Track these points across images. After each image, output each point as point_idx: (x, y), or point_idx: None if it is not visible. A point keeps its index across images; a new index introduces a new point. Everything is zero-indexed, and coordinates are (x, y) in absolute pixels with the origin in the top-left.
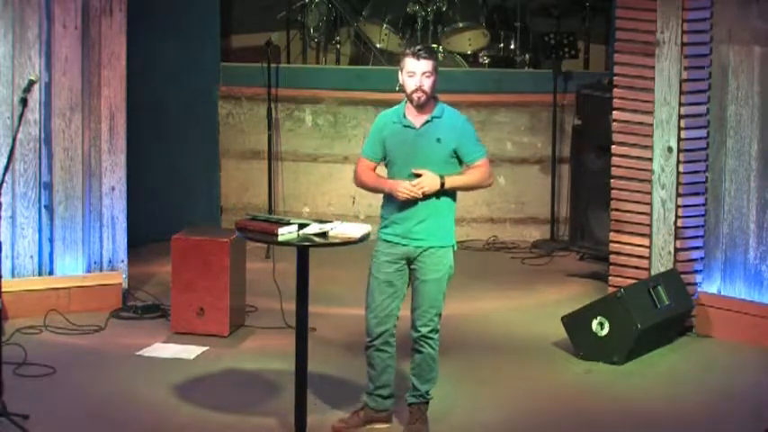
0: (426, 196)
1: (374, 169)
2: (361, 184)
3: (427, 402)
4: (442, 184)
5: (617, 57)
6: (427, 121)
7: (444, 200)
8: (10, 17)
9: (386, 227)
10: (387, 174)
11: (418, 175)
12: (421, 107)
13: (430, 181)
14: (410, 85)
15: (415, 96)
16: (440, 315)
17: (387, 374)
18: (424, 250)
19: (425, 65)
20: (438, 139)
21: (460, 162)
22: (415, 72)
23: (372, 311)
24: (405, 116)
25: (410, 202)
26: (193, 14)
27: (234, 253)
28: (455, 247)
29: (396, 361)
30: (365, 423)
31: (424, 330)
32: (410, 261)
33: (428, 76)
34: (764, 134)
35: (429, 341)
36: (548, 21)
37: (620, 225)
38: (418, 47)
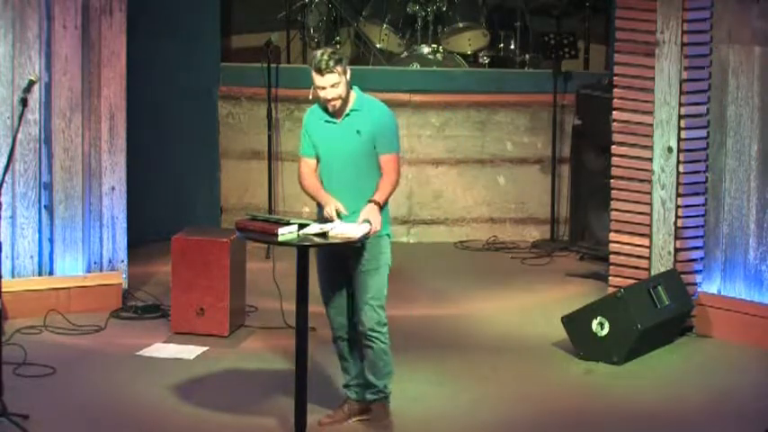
0: (352, 190)
1: (316, 166)
2: (303, 188)
3: (387, 397)
4: (380, 206)
5: (617, 57)
6: (347, 115)
7: (371, 191)
8: (10, 17)
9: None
10: (318, 169)
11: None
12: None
13: (374, 215)
14: (322, 97)
15: (329, 106)
16: (383, 307)
17: (359, 365)
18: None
19: (330, 78)
20: (358, 131)
21: None
22: (324, 86)
23: (328, 304)
24: (327, 112)
25: (339, 197)
26: (193, 14)
27: (234, 253)
28: (391, 237)
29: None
30: (350, 416)
31: (370, 324)
32: (347, 252)
33: (336, 86)
34: (764, 134)
35: (377, 335)
36: (548, 21)
37: (620, 225)
38: (318, 60)
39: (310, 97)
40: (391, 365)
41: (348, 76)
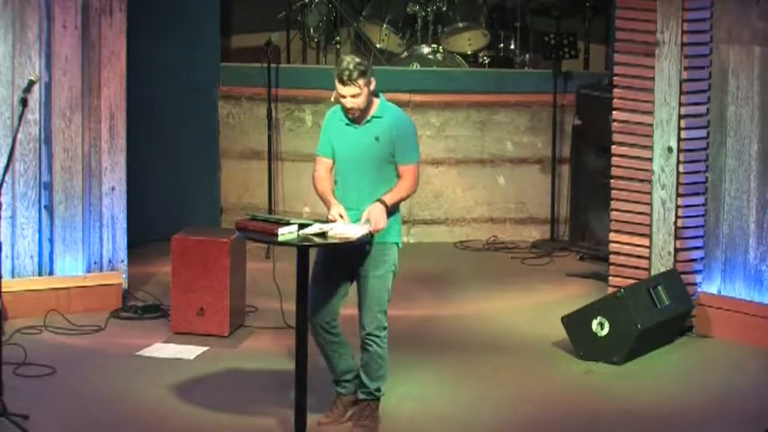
0: (367, 195)
1: (331, 166)
2: (315, 189)
3: (378, 399)
4: (386, 205)
5: (617, 57)
6: (368, 121)
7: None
8: (10, 17)
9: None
10: (333, 170)
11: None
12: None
13: (377, 213)
14: (343, 104)
15: (349, 114)
16: (385, 312)
17: (343, 362)
18: (364, 246)
19: (350, 89)
20: (377, 138)
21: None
22: (344, 95)
23: (317, 305)
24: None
25: (353, 201)
26: (193, 14)
27: (234, 253)
28: (399, 245)
29: (350, 348)
30: (345, 412)
31: (369, 328)
32: (351, 256)
33: (356, 97)
34: (764, 134)
35: (375, 339)
36: (548, 21)
37: (620, 225)
38: (342, 69)
39: (332, 99)
40: (385, 370)
41: (372, 86)
